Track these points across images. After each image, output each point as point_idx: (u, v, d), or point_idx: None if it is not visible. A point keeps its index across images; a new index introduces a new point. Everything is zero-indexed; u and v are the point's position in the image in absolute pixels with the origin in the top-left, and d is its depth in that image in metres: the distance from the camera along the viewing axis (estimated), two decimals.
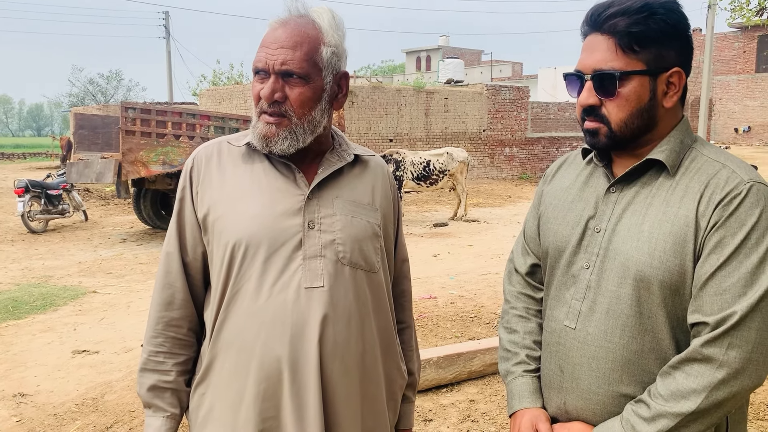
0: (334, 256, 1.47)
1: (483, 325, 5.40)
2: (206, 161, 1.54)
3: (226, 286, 1.46)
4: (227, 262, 1.45)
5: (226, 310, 1.46)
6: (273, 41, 1.43)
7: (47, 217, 11.41)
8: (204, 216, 1.50)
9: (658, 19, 1.29)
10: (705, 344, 1.23)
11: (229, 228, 1.45)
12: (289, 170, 1.50)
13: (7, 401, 4.15)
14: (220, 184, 1.50)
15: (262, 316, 1.42)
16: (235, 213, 1.46)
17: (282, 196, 1.47)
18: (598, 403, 1.37)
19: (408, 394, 1.73)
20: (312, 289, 1.43)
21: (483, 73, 43.64)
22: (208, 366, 1.49)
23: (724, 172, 1.30)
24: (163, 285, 1.54)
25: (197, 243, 1.53)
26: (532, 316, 1.59)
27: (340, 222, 1.49)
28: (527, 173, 22.36)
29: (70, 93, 60.44)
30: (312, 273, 1.44)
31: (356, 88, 18.88)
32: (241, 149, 1.54)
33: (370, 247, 1.53)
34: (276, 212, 1.46)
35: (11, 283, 7.53)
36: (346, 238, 1.49)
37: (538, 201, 1.61)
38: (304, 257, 1.44)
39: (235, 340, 1.45)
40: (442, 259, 8.77)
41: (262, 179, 1.49)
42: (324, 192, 1.50)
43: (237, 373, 1.45)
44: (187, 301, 1.54)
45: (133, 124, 9.65)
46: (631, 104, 1.33)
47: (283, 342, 1.41)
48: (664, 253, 1.29)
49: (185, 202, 1.54)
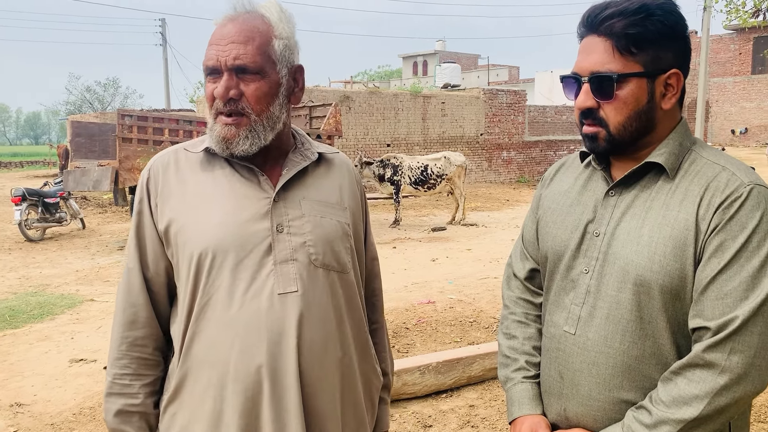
0: (306, 258, 1.42)
1: (482, 329, 5.38)
2: (163, 171, 1.48)
3: (194, 299, 1.40)
4: (194, 273, 1.39)
5: (195, 323, 1.40)
6: (222, 37, 1.38)
7: (44, 226, 11.38)
8: (165, 228, 1.44)
9: (656, 20, 1.28)
10: (707, 349, 1.21)
11: (193, 238, 1.40)
12: (251, 173, 1.45)
13: (4, 411, 4.12)
14: (180, 194, 1.45)
15: (236, 326, 1.37)
16: (198, 222, 1.41)
17: (247, 201, 1.42)
18: (599, 410, 1.36)
19: (383, 396, 1.69)
20: (286, 294, 1.39)
21: (480, 77, 43.72)
22: (179, 384, 1.43)
23: (723, 174, 1.28)
24: (125, 304, 1.48)
25: (159, 257, 1.47)
26: (531, 322, 1.57)
27: (310, 223, 1.45)
28: (525, 177, 22.37)
29: (68, 101, 60.41)
30: (285, 278, 1.39)
31: (353, 94, 18.89)
32: (199, 155, 1.48)
33: (341, 248, 1.49)
34: (242, 218, 1.41)
35: (8, 292, 7.50)
36: (317, 240, 1.44)
37: (537, 205, 1.60)
38: (275, 262, 1.39)
39: (208, 355, 1.39)
40: (441, 264, 8.75)
41: (224, 185, 1.44)
42: (290, 193, 1.46)
43: (212, 389, 1.39)
44: (151, 319, 1.48)
45: (130, 132, 9.65)
46: (629, 107, 1.31)
47: (260, 351, 1.36)
48: (664, 257, 1.27)
49: (143, 215, 1.48)
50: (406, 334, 5.23)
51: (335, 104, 12.45)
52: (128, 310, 1.47)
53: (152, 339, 1.49)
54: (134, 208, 1.50)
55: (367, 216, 1.68)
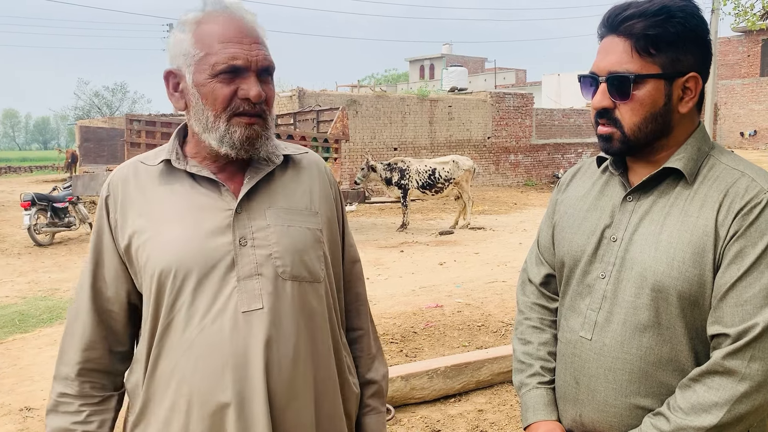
0: (273, 272, 1.34)
1: (490, 333, 5.36)
2: (122, 186, 1.40)
3: (156, 319, 1.33)
4: (155, 293, 1.32)
5: (159, 344, 1.33)
6: (243, 36, 1.32)
7: (53, 230, 11.43)
8: (126, 246, 1.36)
9: (676, 22, 1.26)
10: (726, 356, 1.20)
11: (153, 256, 1.32)
12: (213, 185, 1.37)
13: (13, 415, 4.13)
14: (140, 209, 1.37)
15: (198, 348, 1.30)
16: (158, 239, 1.33)
17: (207, 214, 1.34)
18: (615, 416, 1.34)
19: (374, 404, 1.59)
20: (251, 312, 1.30)
21: (487, 80, 43.71)
22: (145, 404, 1.36)
23: (743, 180, 1.27)
24: (73, 324, 1.41)
25: (119, 277, 1.39)
26: (546, 327, 1.56)
27: (275, 234, 1.36)
28: (532, 180, 22.32)
29: (76, 106, 60.74)
30: (249, 294, 1.31)
31: (360, 98, 18.92)
32: (158, 168, 1.39)
33: (313, 256, 1.40)
34: (202, 232, 1.33)
35: (18, 297, 7.53)
36: (284, 251, 1.36)
37: (552, 210, 1.58)
38: (239, 278, 1.31)
39: (172, 376, 1.32)
40: (448, 268, 8.73)
41: (184, 199, 1.36)
42: (254, 203, 1.37)
43: (177, 414, 1.31)
44: (99, 342, 1.40)
45: (138, 136, 9.69)
46: (645, 108, 1.30)
47: (224, 376, 1.29)
48: (683, 263, 1.26)
49: (103, 233, 1.40)
50: (413, 338, 5.22)
51: (342, 108, 12.47)
52: (76, 331, 1.41)
53: (98, 362, 1.42)
54: (94, 226, 1.43)
55: (344, 217, 1.58)
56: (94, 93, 60.58)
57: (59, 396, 1.42)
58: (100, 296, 1.40)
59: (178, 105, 1.40)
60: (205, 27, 1.33)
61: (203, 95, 1.33)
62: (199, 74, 1.33)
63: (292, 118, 13.75)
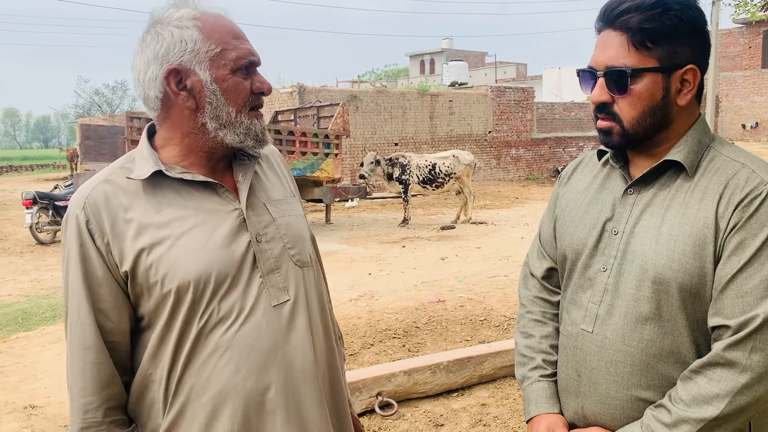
0: (289, 262, 1.39)
1: (493, 328, 5.37)
2: (105, 207, 1.30)
3: (183, 332, 1.29)
4: (184, 305, 1.28)
5: (188, 356, 1.29)
6: (240, 33, 1.35)
7: (55, 229, 11.43)
8: (132, 268, 1.29)
9: (672, 15, 1.26)
10: (727, 348, 1.20)
11: (173, 271, 1.28)
12: (207, 188, 1.35)
13: (18, 413, 4.14)
14: (139, 228, 1.29)
15: (236, 349, 1.30)
16: (174, 253, 1.28)
17: (217, 218, 1.33)
18: (617, 408, 1.35)
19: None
20: (280, 305, 1.35)
21: (487, 74, 43.62)
22: (174, 422, 1.31)
23: (743, 172, 1.27)
24: (83, 365, 1.30)
25: (120, 304, 1.31)
26: (548, 320, 1.56)
27: (282, 226, 1.41)
28: (534, 174, 22.31)
29: (77, 104, 60.69)
30: (275, 288, 1.35)
31: (360, 93, 18.89)
32: (141, 181, 1.32)
33: (308, 242, 1.49)
34: (220, 237, 1.32)
35: (20, 295, 7.54)
36: (292, 241, 1.41)
37: (554, 203, 1.58)
38: (263, 274, 1.34)
39: (208, 385, 1.29)
40: (450, 262, 8.73)
41: (186, 207, 1.32)
42: (252, 200, 1.39)
43: (216, 419, 1.30)
44: (115, 376, 1.32)
45: (139, 134, 9.67)
46: (644, 102, 1.30)
47: (267, 370, 1.31)
48: (684, 255, 1.26)
49: (90, 261, 1.29)
50: (416, 333, 5.23)
51: (343, 104, 12.46)
52: (88, 372, 1.30)
53: (119, 398, 1.34)
54: (72, 255, 1.30)
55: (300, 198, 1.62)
56: (94, 91, 60.52)
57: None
58: (104, 329, 1.31)
59: (188, 104, 1.32)
60: (210, 24, 1.31)
61: (224, 90, 1.31)
62: (217, 69, 1.30)
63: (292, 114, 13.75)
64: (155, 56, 1.31)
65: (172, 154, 1.37)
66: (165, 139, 1.38)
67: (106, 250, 1.30)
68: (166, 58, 1.30)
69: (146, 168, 1.32)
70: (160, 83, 1.31)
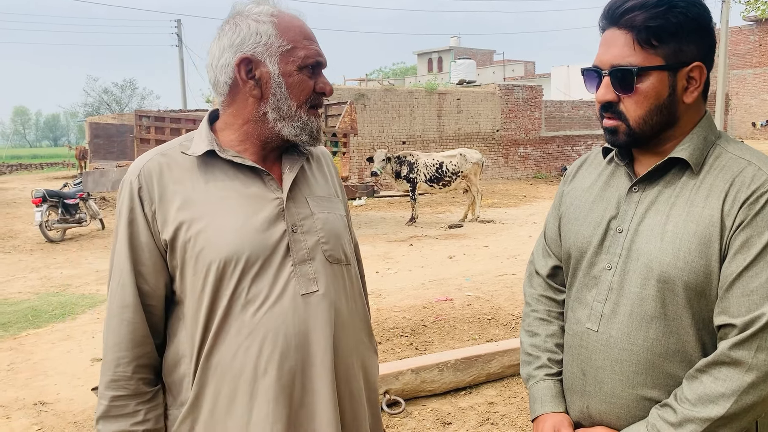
0: (321, 256, 1.44)
1: (500, 326, 5.36)
2: (157, 177, 1.40)
3: (212, 310, 1.36)
4: (213, 284, 1.35)
5: (216, 332, 1.36)
6: (311, 35, 1.43)
7: (64, 226, 11.51)
8: (172, 238, 1.37)
9: (678, 12, 1.25)
10: (733, 347, 1.20)
11: (209, 247, 1.35)
12: (255, 174, 1.43)
13: (28, 409, 4.17)
14: (184, 201, 1.38)
15: (261, 332, 1.35)
16: (212, 230, 1.36)
17: (258, 203, 1.40)
18: (622, 407, 1.34)
19: None
20: (309, 294, 1.40)
21: (495, 72, 43.52)
22: (197, 396, 1.38)
23: (749, 169, 1.26)
24: (119, 321, 1.39)
25: (159, 270, 1.40)
26: (553, 319, 1.56)
27: (320, 220, 1.46)
28: (542, 173, 22.24)
29: (86, 103, 61.06)
30: (305, 278, 1.40)
31: (368, 91, 18.89)
32: (195, 158, 1.42)
33: (346, 241, 1.53)
34: (257, 221, 1.38)
35: (30, 292, 7.60)
36: (328, 236, 1.46)
37: (559, 201, 1.58)
38: (294, 263, 1.39)
39: (232, 364, 1.36)
40: (458, 261, 8.73)
41: (230, 188, 1.40)
42: (295, 192, 1.45)
43: (238, 399, 1.36)
44: (148, 336, 1.41)
45: (148, 132, 9.75)
46: (650, 100, 1.29)
47: (289, 355, 1.36)
48: (689, 253, 1.25)
49: (137, 225, 1.39)
50: (423, 331, 5.23)
51: (350, 102, 12.47)
52: (123, 329, 1.39)
53: (149, 357, 1.42)
54: (122, 218, 1.40)
55: (347, 202, 1.69)
56: (103, 90, 60.88)
57: (112, 400, 1.39)
58: (141, 292, 1.40)
59: (253, 93, 1.41)
60: (286, 22, 1.40)
61: (289, 85, 1.40)
62: (286, 64, 1.39)
63: None
64: (231, 44, 1.39)
65: (229, 138, 1.45)
66: (226, 124, 1.46)
67: (152, 217, 1.39)
68: (241, 47, 1.39)
69: (201, 146, 1.42)
70: (232, 70, 1.40)
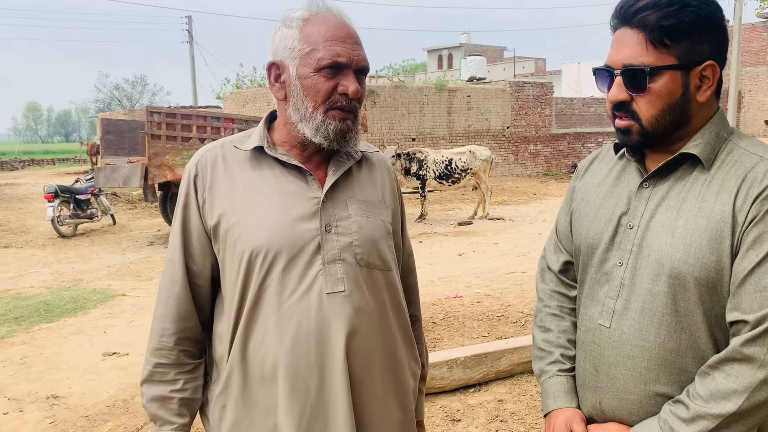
0: (353, 258, 1.46)
1: (510, 324, 5.36)
2: (211, 167, 1.50)
3: (243, 297, 1.44)
4: (244, 272, 1.43)
5: (246, 320, 1.43)
6: (346, 36, 1.43)
7: (76, 222, 11.60)
8: (215, 225, 1.47)
9: (690, 11, 1.25)
10: (745, 343, 1.20)
11: (245, 237, 1.43)
12: (300, 173, 1.48)
13: (40, 403, 4.22)
14: (230, 191, 1.47)
15: (285, 324, 1.41)
16: (249, 221, 1.44)
17: (296, 201, 1.45)
18: (634, 403, 1.35)
19: (420, 386, 1.74)
20: (334, 294, 1.43)
21: (506, 69, 43.37)
22: (229, 377, 1.47)
23: (762, 165, 1.26)
24: (167, 295, 1.51)
25: (206, 252, 1.50)
26: (566, 315, 1.56)
27: (356, 223, 1.48)
28: (552, 170, 22.16)
29: (97, 99, 61.47)
30: (332, 278, 1.43)
31: (378, 88, 18.88)
32: (247, 153, 1.50)
33: (385, 246, 1.54)
34: (292, 217, 1.44)
35: (43, 287, 7.67)
36: (363, 240, 1.48)
37: (570, 197, 1.58)
38: (324, 262, 1.43)
39: (258, 351, 1.43)
40: (467, 258, 8.72)
41: (273, 184, 1.47)
42: (336, 194, 1.49)
43: (263, 385, 1.43)
44: (192, 312, 1.51)
45: (159, 129, 9.77)
46: (663, 100, 1.29)
47: (308, 350, 1.40)
48: (700, 249, 1.25)
49: (190, 209, 1.50)
50: (433, 328, 5.23)
51: None
52: (170, 302, 1.50)
53: (192, 331, 1.52)
54: (180, 201, 1.51)
55: (403, 212, 1.72)
56: (114, 86, 61.21)
57: (155, 366, 1.51)
58: (189, 271, 1.50)
59: (278, 95, 1.49)
60: (313, 25, 1.43)
61: (305, 87, 1.44)
62: (303, 67, 1.43)
63: None
64: (272, 51, 1.49)
65: (278, 136, 1.53)
66: (277, 124, 1.55)
67: (202, 203, 1.49)
68: (276, 53, 1.48)
69: (252, 142, 1.50)
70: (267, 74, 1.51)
